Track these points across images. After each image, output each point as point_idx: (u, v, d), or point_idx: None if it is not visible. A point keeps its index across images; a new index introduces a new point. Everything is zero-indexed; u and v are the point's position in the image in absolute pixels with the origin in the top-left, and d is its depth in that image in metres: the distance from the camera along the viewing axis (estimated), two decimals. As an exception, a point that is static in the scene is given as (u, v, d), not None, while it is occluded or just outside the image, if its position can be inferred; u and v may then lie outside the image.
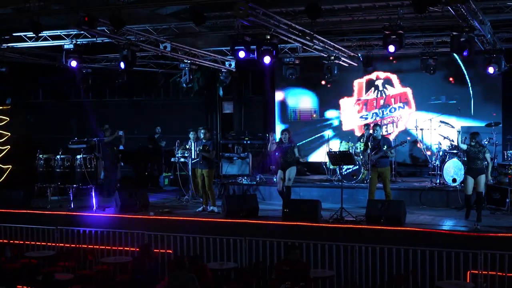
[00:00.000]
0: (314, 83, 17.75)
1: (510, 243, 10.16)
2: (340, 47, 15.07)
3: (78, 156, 13.85)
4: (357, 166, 14.66)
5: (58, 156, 13.88)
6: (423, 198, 13.85)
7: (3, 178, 17.48)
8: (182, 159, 14.62)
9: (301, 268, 9.38)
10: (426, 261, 10.23)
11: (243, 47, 12.41)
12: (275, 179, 15.59)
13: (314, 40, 13.55)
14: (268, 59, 12.39)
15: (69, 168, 13.80)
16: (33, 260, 11.82)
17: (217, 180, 15.37)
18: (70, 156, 14.02)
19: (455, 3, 10.12)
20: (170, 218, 12.61)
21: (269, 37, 12.38)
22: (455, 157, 13.89)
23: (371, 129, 13.13)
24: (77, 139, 16.14)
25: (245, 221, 12.00)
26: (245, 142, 17.14)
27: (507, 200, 12.49)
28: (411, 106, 17.19)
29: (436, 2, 10.07)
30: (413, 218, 12.00)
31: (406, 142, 13.64)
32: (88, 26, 11.24)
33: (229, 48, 13.38)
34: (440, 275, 10.11)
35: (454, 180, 13.67)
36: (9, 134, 18.02)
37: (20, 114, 19.30)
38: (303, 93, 18.19)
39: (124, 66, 13.36)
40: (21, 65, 17.11)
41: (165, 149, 17.41)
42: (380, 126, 13.00)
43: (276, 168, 13.64)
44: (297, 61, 15.98)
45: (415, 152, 16.86)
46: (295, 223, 11.60)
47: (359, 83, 17.64)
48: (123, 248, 11.99)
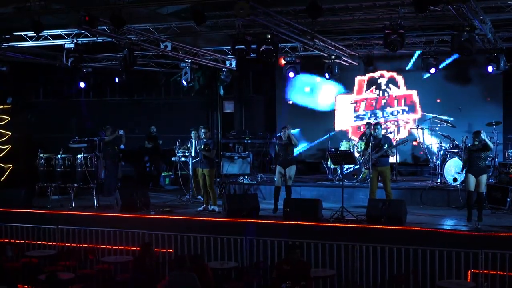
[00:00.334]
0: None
1: (511, 243, 10.15)
2: (341, 46, 15.07)
3: (79, 156, 13.85)
4: (358, 166, 14.66)
5: (59, 156, 13.88)
6: (424, 198, 13.85)
7: (4, 178, 17.48)
8: (183, 159, 14.62)
9: (302, 268, 9.37)
10: (427, 261, 10.23)
11: (244, 47, 12.41)
12: (276, 179, 15.62)
13: (315, 40, 13.55)
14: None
15: (70, 168, 13.81)
16: (34, 260, 11.81)
17: (218, 180, 15.36)
18: (71, 156, 14.01)
19: (456, 3, 10.12)
20: (171, 218, 12.62)
21: (270, 37, 12.38)
22: (456, 156, 13.89)
23: (372, 128, 13.12)
24: (78, 139, 16.14)
25: (246, 221, 12.00)
26: (246, 142, 17.12)
27: (508, 200, 12.48)
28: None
29: (437, 2, 10.06)
30: (414, 218, 11.99)
31: (408, 141, 13.62)
32: (89, 26, 11.24)
33: (230, 48, 13.37)
34: (441, 275, 10.10)
35: (455, 180, 13.67)
36: (10, 134, 18.03)
37: (21, 114, 19.29)
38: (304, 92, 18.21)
39: (124, 66, 13.36)
40: (22, 65, 17.11)
41: (166, 149, 17.38)
42: (381, 125, 12.96)
43: (275, 164, 13.61)
44: (298, 60, 15.98)
45: (416, 152, 16.85)
46: (296, 223, 11.60)
47: (360, 80, 17.57)
48: (124, 248, 12.00)
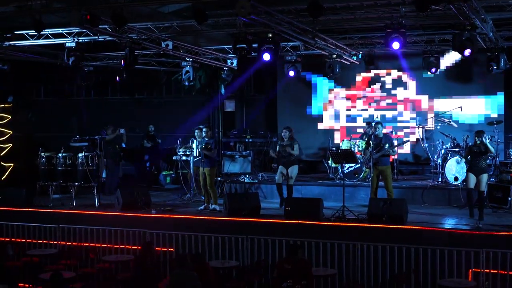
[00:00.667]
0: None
1: (512, 242, 10.17)
2: (342, 45, 15.06)
3: (80, 154, 13.84)
4: (359, 165, 14.66)
5: (60, 154, 13.87)
6: (425, 197, 13.85)
7: (5, 176, 17.48)
8: (184, 157, 14.62)
9: (303, 267, 9.37)
10: (428, 260, 10.24)
11: (245, 45, 12.41)
12: (277, 177, 15.63)
13: (316, 38, 13.54)
14: (268, 56, 12.29)
15: (71, 166, 13.78)
16: (35, 258, 11.82)
17: (219, 178, 15.35)
18: (72, 154, 13.99)
19: (457, 2, 10.10)
20: (172, 217, 12.61)
21: (271, 35, 12.37)
22: (457, 155, 13.88)
23: (373, 128, 13.11)
24: (79, 137, 16.14)
25: (247, 220, 12.00)
26: (247, 141, 17.11)
27: (509, 199, 12.48)
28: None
29: (438, 1, 10.05)
30: (415, 217, 11.98)
31: (408, 141, 13.61)
32: (90, 24, 11.22)
33: (231, 46, 13.37)
34: (442, 274, 10.11)
35: (456, 179, 13.66)
36: (11, 132, 18.03)
37: (22, 112, 19.29)
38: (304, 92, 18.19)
39: (125, 65, 13.36)
40: (23, 63, 17.09)
41: (167, 147, 17.37)
42: (382, 125, 12.96)
43: (278, 164, 13.63)
44: (299, 59, 15.97)
45: (417, 150, 16.84)
46: (297, 222, 11.60)
47: (364, 77, 17.45)
48: (125, 247, 12.02)
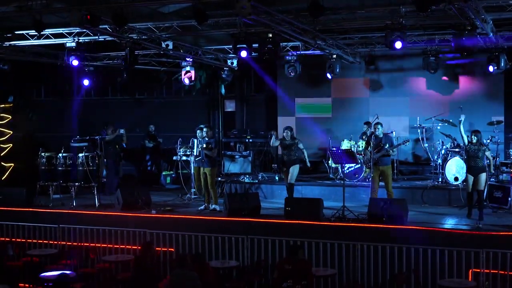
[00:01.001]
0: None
1: (512, 242, 10.16)
2: (342, 45, 15.06)
3: (80, 154, 13.84)
4: (359, 165, 14.66)
5: (60, 154, 13.87)
6: (425, 197, 13.84)
7: (5, 176, 17.49)
8: (184, 157, 14.62)
9: (303, 267, 9.37)
10: (428, 260, 10.25)
11: (245, 46, 12.40)
12: (277, 177, 15.65)
13: (316, 39, 13.54)
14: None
15: (71, 166, 13.78)
16: (35, 258, 11.83)
17: (219, 179, 15.35)
18: (72, 154, 14.00)
19: (458, 2, 10.10)
20: (172, 217, 12.61)
21: (271, 36, 12.37)
22: (457, 156, 13.88)
23: (373, 128, 13.10)
24: (79, 137, 16.14)
25: (247, 220, 12.00)
26: (247, 141, 17.12)
27: (509, 199, 12.48)
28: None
29: (438, 1, 10.05)
30: (415, 217, 11.98)
31: (409, 141, 13.60)
32: (90, 24, 11.23)
33: (231, 47, 13.37)
34: (442, 274, 10.12)
35: (456, 179, 13.65)
36: (11, 132, 18.04)
37: (22, 112, 19.31)
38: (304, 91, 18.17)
39: (125, 65, 13.36)
40: (23, 63, 17.09)
41: (167, 148, 17.38)
42: (382, 125, 12.95)
43: (281, 165, 13.65)
44: (299, 59, 15.96)
45: (417, 151, 16.84)
46: (297, 222, 11.59)
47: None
48: (125, 247, 12.03)
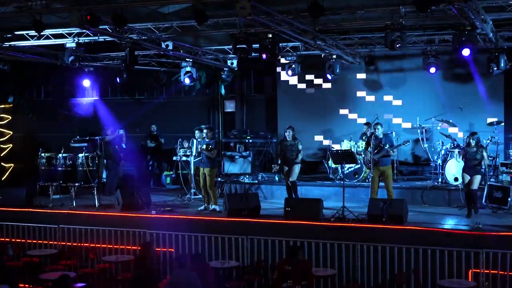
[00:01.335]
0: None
1: (512, 242, 10.16)
2: (342, 46, 15.06)
3: (80, 155, 13.84)
4: (359, 165, 14.66)
5: (60, 155, 13.87)
6: (425, 197, 13.85)
7: (5, 177, 17.52)
8: (184, 158, 14.62)
9: (303, 268, 9.36)
10: (428, 260, 10.25)
11: (245, 46, 12.39)
12: (277, 178, 15.65)
13: (316, 39, 13.54)
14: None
15: (71, 167, 13.78)
16: (35, 259, 11.83)
17: (219, 179, 15.35)
18: (72, 155, 14.01)
19: (458, 2, 10.10)
20: (172, 217, 12.61)
21: (271, 36, 12.37)
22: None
23: (373, 128, 13.09)
24: (79, 138, 16.15)
25: (247, 220, 12.00)
26: (247, 141, 17.09)
27: (509, 199, 12.48)
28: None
29: (438, 1, 10.05)
30: (415, 217, 11.98)
31: (409, 142, 13.60)
32: (90, 25, 11.23)
33: (231, 47, 13.37)
34: (442, 274, 10.12)
35: (456, 179, 13.65)
36: (11, 133, 18.08)
37: (22, 112, 19.33)
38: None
39: (125, 65, 13.36)
40: (23, 64, 17.11)
41: (167, 148, 17.38)
42: (382, 125, 12.95)
43: (281, 165, 13.64)
44: (299, 60, 15.96)
45: (417, 151, 16.83)
46: (297, 222, 11.60)
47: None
48: (125, 247, 12.03)
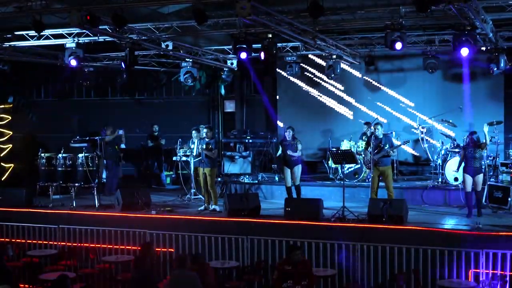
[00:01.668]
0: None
1: (512, 242, 10.16)
2: (342, 46, 15.06)
3: (80, 155, 13.82)
4: (359, 165, 14.65)
5: (60, 155, 13.84)
6: (425, 197, 13.84)
7: (5, 177, 17.51)
8: (184, 158, 14.62)
9: (303, 267, 9.37)
10: (428, 260, 10.25)
11: (245, 46, 12.40)
12: (277, 178, 15.65)
13: (316, 39, 13.54)
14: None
15: (71, 167, 13.75)
16: (35, 259, 11.84)
17: (219, 179, 15.35)
18: (72, 155, 13.99)
19: (458, 2, 10.10)
20: (172, 217, 12.60)
21: (271, 36, 12.37)
22: (457, 156, 13.87)
23: (373, 128, 13.08)
24: (79, 138, 16.15)
25: (247, 220, 12.00)
26: (247, 141, 17.09)
27: (509, 199, 12.48)
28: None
29: (438, 1, 10.05)
30: (415, 217, 11.97)
31: (409, 142, 13.60)
32: (90, 25, 11.23)
33: (231, 47, 13.37)
34: (442, 274, 10.12)
35: (456, 179, 13.66)
36: (11, 133, 18.07)
37: (22, 113, 19.32)
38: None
39: (125, 66, 13.36)
40: (23, 64, 17.12)
41: (167, 148, 17.38)
42: (382, 125, 12.94)
43: (282, 166, 13.64)
44: (299, 60, 15.96)
45: (417, 151, 16.83)
46: (297, 222, 11.60)
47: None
48: (125, 247, 12.04)
